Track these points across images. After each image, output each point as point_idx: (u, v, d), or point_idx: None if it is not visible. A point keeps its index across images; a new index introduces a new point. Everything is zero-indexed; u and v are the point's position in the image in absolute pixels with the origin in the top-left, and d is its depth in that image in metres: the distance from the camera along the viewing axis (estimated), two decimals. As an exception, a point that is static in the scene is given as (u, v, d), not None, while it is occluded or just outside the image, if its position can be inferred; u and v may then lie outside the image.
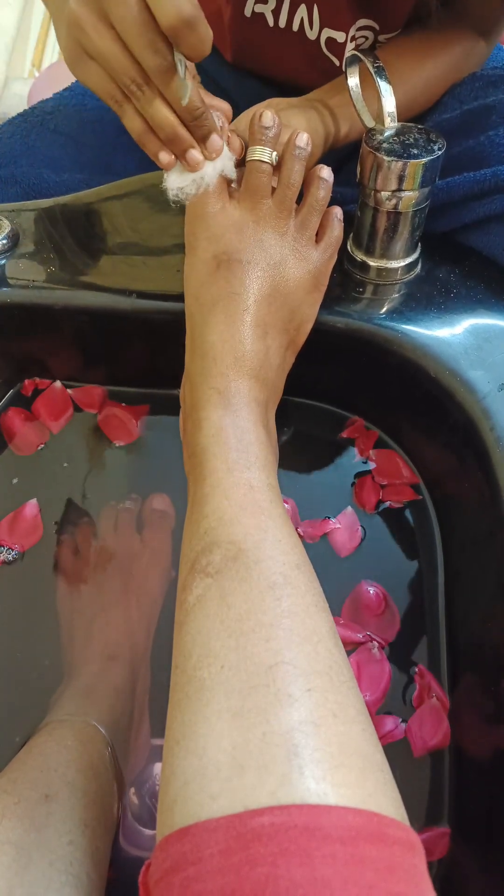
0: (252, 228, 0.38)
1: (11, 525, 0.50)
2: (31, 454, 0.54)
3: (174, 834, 0.21)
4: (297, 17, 0.50)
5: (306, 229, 0.39)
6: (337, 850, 0.19)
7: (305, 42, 0.51)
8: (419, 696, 0.43)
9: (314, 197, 0.39)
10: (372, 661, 0.44)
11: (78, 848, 0.30)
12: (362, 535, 0.49)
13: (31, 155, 0.55)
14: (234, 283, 0.37)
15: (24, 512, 0.50)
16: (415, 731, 0.42)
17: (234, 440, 0.34)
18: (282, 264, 0.38)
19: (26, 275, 0.46)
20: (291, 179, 0.38)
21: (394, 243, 0.43)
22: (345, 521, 0.49)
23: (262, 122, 0.37)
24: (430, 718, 0.42)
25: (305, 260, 0.39)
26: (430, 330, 0.42)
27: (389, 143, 0.38)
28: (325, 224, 0.40)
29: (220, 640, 0.25)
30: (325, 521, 0.49)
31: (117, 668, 0.43)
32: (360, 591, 0.46)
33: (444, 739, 0.41)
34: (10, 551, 0.49)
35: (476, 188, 0.43)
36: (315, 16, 0.49)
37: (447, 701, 0.42)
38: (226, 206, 0.38)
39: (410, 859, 0.20)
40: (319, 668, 0.25)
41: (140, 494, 0.52)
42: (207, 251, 0.38)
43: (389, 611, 0.46)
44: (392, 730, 0.42)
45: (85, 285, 0.45)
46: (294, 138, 0.37)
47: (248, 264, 0.37)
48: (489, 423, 0.39)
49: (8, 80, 1.35)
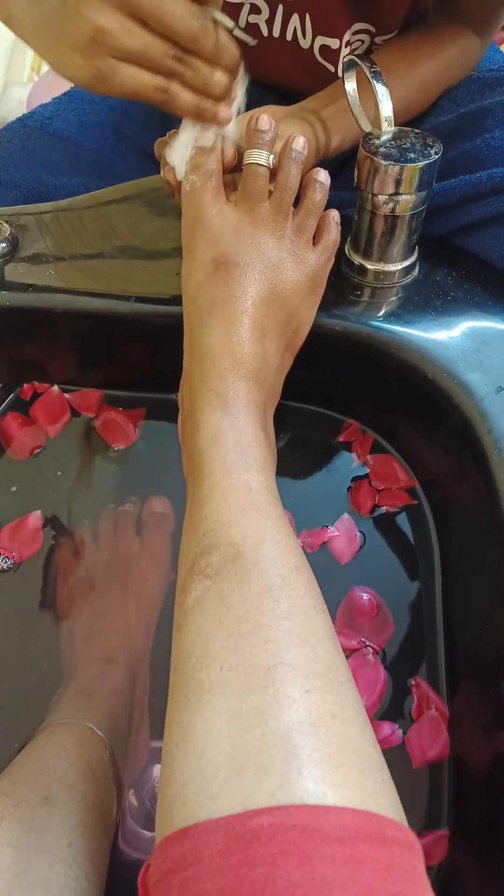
0: (250, 231, 0.38)
1: (12, 533, 0.50)
2: (28, 458, 0.54)
3: (173, 835, 0.21)
4: (291, 26, 0.50)
5: (303, 232, 0.40)
6: (336, 850, 0.19)
7: (300, 51, 0.52)
8: (418, 707, 0.42)
9: (311, 200, 0.39)
10: (367, 667, 0.43)
11: (77, 850, 0.30)
12: (361, 541, 0.49)
13: (31, 159, 0.55)
14: (233, 285, 0.37)
15: (26, 522, 0.50)
16: (414, 742, 0.41)
17: (232, 442, 0.34)
18: (279, 267, 0.39)
19: (26, 279, 0.46)
20: (288, 182, 0.38)
21: (391, 247, 0.43)
22: (343, 529, 0.49)
23: (258, 126, 0.37)
24: (428, 730, 0.42)
25: (303, 262, 0.39)
26: (427, 333, 0.42)
27: (386, 148, 0.38)
28: (322, 227, 0.41)
29: (219, 642, 0.25)
30: (323, 530, 0.49)
31: (116, 670, 0.43)
32: (353, 596, 0.46)
33: (444, 750, 0.41)
34: (6, 560, 0.49)
35: (472, 191, 0.43)
36: (308, 25, 0.49)
37: (446, 711, 0.42)
38: (223, 209, 0.39)
39: (409, 859, 0.20)
40: (318, 669, 0.25)
41: (138, 498, 0.52)
42: (206, 254, 0.38)
43: (382, 615, 0.46)
44: (389, 735, 0.41)
45: (84, 289, 0.46)
46: (291, 142, 0.38)
47: (246, 267, 0.38)
48: (487, 425, 0.39)
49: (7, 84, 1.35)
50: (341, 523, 0.49)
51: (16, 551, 0.49)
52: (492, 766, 0.36)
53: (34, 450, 0.54)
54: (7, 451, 0.54)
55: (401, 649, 0.45)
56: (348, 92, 0.42)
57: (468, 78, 0.50)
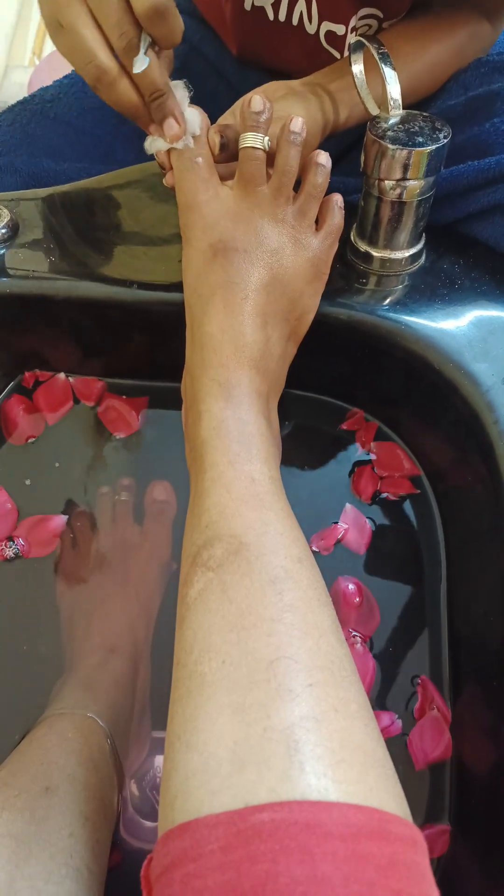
0: (248, 216, 0.37)
1: (31, 528, 0.49)
2: (28, 444, 0.53)
3: (175, 829, 0.21)
4: (297, 10, 0.49)
5: (305, 217, 0.39)
6: (337, 847, 0.18)
7: (305, 36, 0.51)
8: (420, 707, 0.42)
9: (311, 183, 0.38)
10: (355, 657, 0.43)
11: (78, 840, 0.30)
12: (372, 527, 0.49)
13: (31, 144, 0.54)
14: (232, 271, 0.36)
15: (48, 523, 0.50)
16: (416, 743, 0.41)
17: (235, 432, 0.33)
18: (280, 252, 0.38)
19: (26, 265, 0.45)
20: (287, 166, 0.37)
21: (398, 233, 0.42)
22: (350, 520, 0.49)
23: (251, 108, 0.36)
24: (430, 731, 0.41)
25: (305, 248, 0.39)
26: (434, 322, 0.42)
27: (394, 132, 0.38)
28: (324, 211, 0.40)
29: (221, 635, 0.25)
30: (332, 528, 0.49)
31: (117, 660, 0.42)
32: (338, 587, 0.46)
33: (446, 752, 0.41)
34: (14, 547, 0.48)
35: (481, 177, 0.42)
36: (314, 10, 0.48)
37: (448, 713, 0.42)
38: (219, 193, 0.38)
39: (412, 856, 0.20)
40: (321, 662, 0.24)
41: (140, 486, 0.51)
42: (203, 241, 0.37)
43: (367, 605, 0.46)
44: (388, 725, 0.41)
45: (85, 276, 0.45)
46: (289, 124, 0.37)
47: (245, 252, 0.37)
48: (493, 416, 0.39)
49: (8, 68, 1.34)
50: (346, 515, 0.49)
51: (28, 546, 0.49)
52: (494, 762, 0.36)
53: (29, 438, 0.53)
54: (9, 439, 0.54)
55: (403, 640, 0.45)
56: (355, 74, 0.41)
57: (477, 61, 0.48)
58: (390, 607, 0.46)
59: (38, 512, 0.50)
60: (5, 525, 0.49)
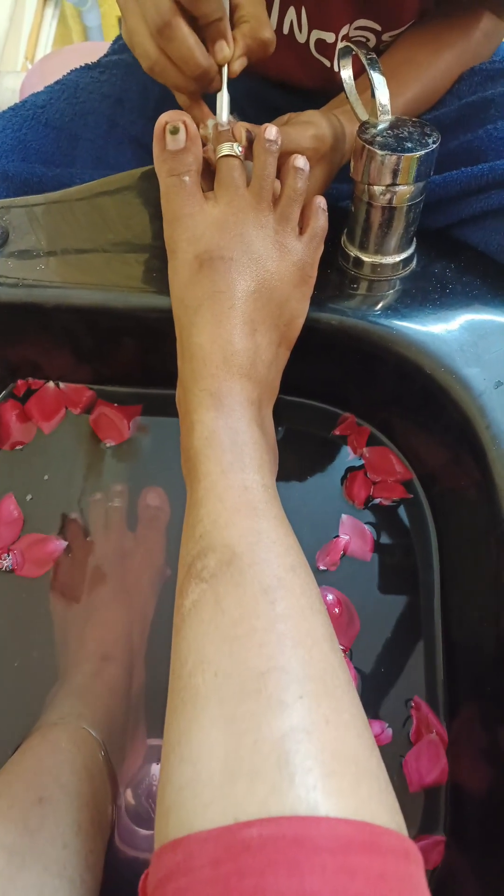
0: (232, 224, 0.37)
1: (30, 547, 0.49)
2: (19, 450, 0.53)
3: (168, 844, 0.21)
4: (287, 19, 0.49)
5: (287, 221, 0.39)
6: (326, 860, 0.18)
7: (296, 44, 0.51)
8: (416, 731, 0.42)
9: (291, 187, 0.38)
10: None
11: (72, 851, 0.30)
12: (373, 533, 0.49)
13: (23, 149, 0.54)
14: (218, 281, 0.37)
15: (47, 544, 0.49)
16: (411, 766, 0.41)
17: (227, 442, 0.33)
18: (265, 258, 0.38)
19: (16, 273, 0.45)
20: (265, 171, 0.38)
21: (388, 239, 0.42)
22: (349, 530, 0.49)
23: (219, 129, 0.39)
24: (427, 754, 0.41)
25: (290, 252, 0.39)
26: (425, 326, 0.42)
27: (383, 137, 0.38)
28: (307, 214, 0.40)
29: (214, 646, 0.25)
30: (335, 542, 0.48)
31: (112, 668, 0.42)
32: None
33: (442, 776, 0.40)
34: (9, 560, 0.48)
35: (473, 183, 0.42)
36: (303, 18, 0.48)
37: (445, 734, 0.41)
38: (203, 207, 0.38)
39: (405, 868, 0.20)
40: (313, 672, 0.24)
41: (133, 492, 0.51)
42: (188, 252, 0.38)
43: (347, 614, 0.46)
44: (378, 734, 0.41)
45: (76, 283, 0.45)
46: (263, 132, 0.37)
47: (230, 261, 0.37)
48: (485, 420, 0.39)
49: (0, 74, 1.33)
50: (344, 526, 0.49)
51: (23, 562, 0.48)
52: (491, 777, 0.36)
53: (15, 445, 0.53)
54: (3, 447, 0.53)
55: (397, 646, 0.45)
56: (344, 79, 0.41)
57: (471, 70, 0.49)
58: (382, 613, 0.46)
59: (30, 520, 0.50)
60: (10, 533, 0.49)
